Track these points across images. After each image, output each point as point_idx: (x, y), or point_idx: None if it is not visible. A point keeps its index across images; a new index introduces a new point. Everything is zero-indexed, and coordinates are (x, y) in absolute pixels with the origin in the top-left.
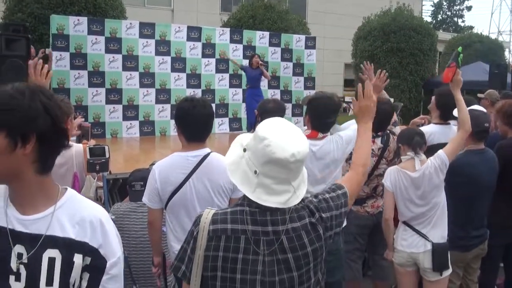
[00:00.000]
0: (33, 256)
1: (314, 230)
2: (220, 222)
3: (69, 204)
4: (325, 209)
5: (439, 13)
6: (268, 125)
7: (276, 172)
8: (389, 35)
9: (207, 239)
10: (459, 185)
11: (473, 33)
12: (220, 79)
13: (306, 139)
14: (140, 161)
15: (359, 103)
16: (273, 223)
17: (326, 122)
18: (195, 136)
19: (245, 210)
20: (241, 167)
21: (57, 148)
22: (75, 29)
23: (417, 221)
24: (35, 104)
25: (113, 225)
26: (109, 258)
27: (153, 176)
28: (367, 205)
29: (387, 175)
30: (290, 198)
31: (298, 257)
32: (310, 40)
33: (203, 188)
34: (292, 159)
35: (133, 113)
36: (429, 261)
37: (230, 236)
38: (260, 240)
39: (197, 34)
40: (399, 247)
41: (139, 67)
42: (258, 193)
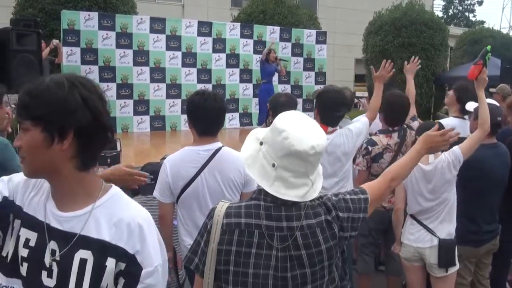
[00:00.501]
0: (65, 255)
1: (329, 228)
2: (234, 216)
3: (110, 203)
4: (343, 209)
5: (450, 7)
6: (286, 118)
7: (295, 165)
8: (400, 29)
9: (221, 233)
10: (471, 179)
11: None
12: (230, 74)
13: (323, 131)
14: (151, 156)
15: (436, 135)
16: (287, 218)
17: (334, 115)
18: (207, 130)
19: (260, 205)
20: (258, 161)
21: (99, 143)
22: (86, 24)
23: (425, 216)
24: (73, 97)
25: (155, 231)
26: (145, 266)
27: (164, 170)
28: (384, 201)
29: None
30: (308, 191)
31: (312, 254)
32: (321, 35)
33: (214, 182)
34: (312, 152)
35: (144, 108)
36: (435, 257)
37: (244, 230)
38: (274, 235)
39: (207, 29)
40: (406, 241)
41: (149, 62)
42: (276, 187)
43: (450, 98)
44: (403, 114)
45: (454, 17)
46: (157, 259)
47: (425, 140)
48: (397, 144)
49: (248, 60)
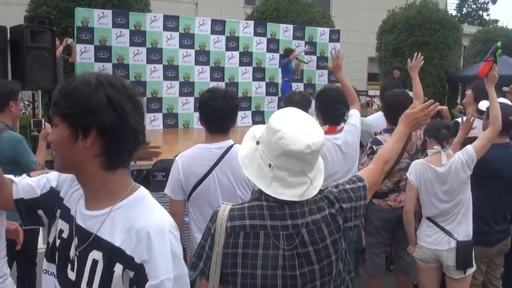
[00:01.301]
0: (82, 252)
1: (334, 221)
2: (238, 219)
3: (130, 206)
4: (345, 200)
5: (464, 6)
6: (280, 116)
7: (291, 164)
8: (414, 28)
9: (225, 236)
10: (483, 179)
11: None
12: (243, 72)
13: (321, 128)
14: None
15: (415, 112)
16: (292, 216)
17: (334, 114)
18: (216, 128)
19: (263, 205)
20: (255, 161)
21: (126, 145)
22: (100, 22)
23: (442, 218)
24: (97, 97)
25: (168, 241)
26: (150, 278)
27: (176, 168)
28: (390, 199)
29: (411, 168)
30: (307, 190)
31: (318, 250)
32: (334, 33)
33: (226, 180)
34: (308, 151)
35: (157, 105)
36: (453, 259)
37: (249, 232)
38: (279, 234)
39: (221, 27)
40: (423, 244)
41: (163, 60)
42: (274, 187)
43: (468, 98)
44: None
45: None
46: (165, 272)
47: (406, 119)
48: None
49: (261, 59)
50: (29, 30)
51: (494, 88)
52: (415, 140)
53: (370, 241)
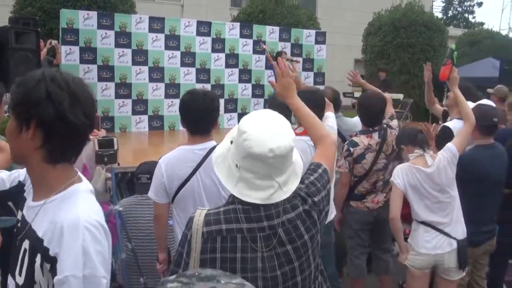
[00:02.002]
0: (19, 241)
1: (309, 217)
2: (214, 223)
3: (62, 200)
4: (315, 193)
5: (449, 9)
6: (250, 118)
7: (255, 167)
8: (399, 30)
9: (202, 242)
10: (468, 180)
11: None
12: (229, 74)
13: (292, 133)
14: (149, 156)
15: (279, 81)
16: (268, 217)
17: None
18: (198, 129)
19: (238, 208)
20: (227, 160)
21: (64, 140)
22: (85, 23)
23: (439, 220)
24: (37, 90)
25: (79, 239)
26: (57, 272)
27: (159, 170)
28: (367, 201)
29: (397, 172)
30: (274, 193)
31: (297, 247)
32: (320, 35)
33: (210, 181)
34: (271, 155)
35: (142, 107)
36: (454, 260)
37: (225, 236)
38: (256, 236)
39: (206, 29)
40: (423, 251)
41: (148, 61)
42: (240, 188)
43: (451, 100)
44: (378, 114)
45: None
46: (71, 268)
47: (281, 91)
48: (378, 144)
49: (248, 60)
50: (13, 31)
51: (458, 88)
52: (391, 140)
53: (350, 244)
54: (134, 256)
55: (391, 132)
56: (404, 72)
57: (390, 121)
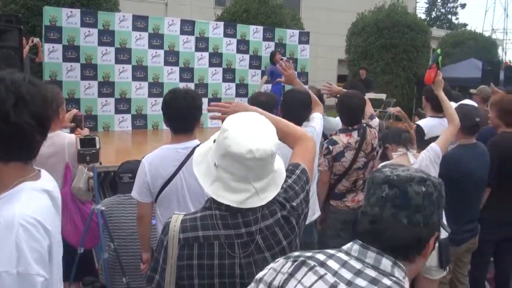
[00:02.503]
0: None
1: (287, 223)
2: (191, 230)
3: (9, 198)
4: (293, 197)
5: (433, 10)
6: (235, 118)
7: (233, 167)
8: (382, 31)
9: (179, 248)
10: (451, 179)
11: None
12: (213, 73)
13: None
14: (132, 155)
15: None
16: (245, 224)
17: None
18: (180, 128)
19: (215, 214)
20: (206, 159)
21: (12, 140)
22: (68, 21)
23: None
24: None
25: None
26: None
27: (142, 170)
28: (347, 200)
29: None
30: (249, 198)
31: (275, 254)
32: (304, 35)
33: (193, 181)
34: (249, 156)
35: (126, 106)
36: (435, 259)
37: (202, 243)
38: (234, 243)
39: (190, 28)
40: None
41: (132, 60)
42: (215, 187)
43: (423, 102)
44: (357, 113)
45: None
46: (4, 265)
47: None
48: (358, 142)
49: (231, 60)
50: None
51: (442, 91)
52: (370, 139)
53: (331, 244)
54: (116, 256)
55: (371, 131)
56: (387, 72)
57: (369, 120)
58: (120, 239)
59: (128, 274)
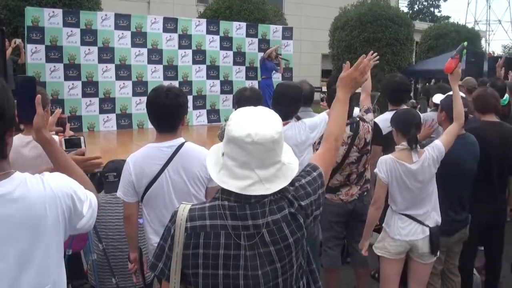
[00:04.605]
0: None
1: (294, 220)
2: (198, 219)
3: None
4: (303, 197)
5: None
6: (242, 109)
7: (235, 153)
8: (365, 25)
9: (185, 237)
10: (441, 169)
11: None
12: (197, 71)
13: (279, 128)
14: (117, 155)
15: (350, 72)
16: (253, 216)
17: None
18: (163, 126)
19: (223, 205)
20: (217, 152)
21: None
22: (50, 21)
23: (414, 210)
24: None
25: None
26: None
27: (127, 169)
28: (341, 193)
29: (381, 164)
30: (252, 186)
31: (280, 249)
32: (287, 31)
33: (179, 179)
34: (248, 139)
35: (110, 106)
36: (427, 246)
37: (209, 232)
38: (240, 234)
39: (173, 26)
40: (397, 237)
41: (115, 59)
42: (221, 175)
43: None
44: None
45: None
46: None
47: (343, 82)
48: (350, 137)
49: (215, 57)
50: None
51: (458, 84)
52: (363, 134)
53: (324, 236)
54: (105, 257)
55: (364, 125)
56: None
57: (365, 114)
58: (108, 239)
59: (117, 274)
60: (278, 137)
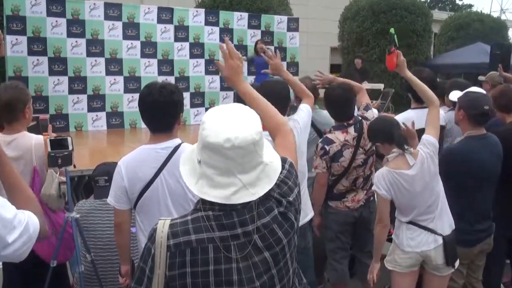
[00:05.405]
0: None
1: (285, 220)
2: (182, 234)
3: None
4: (288, 192)
5: None
6: (213, 110)
7: (214, 160)
8: (378, 15)
9: (169, 256)
10: (461, 174)
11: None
12: (195, 65)
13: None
14: (108, 157)
15: (227, 63)
16: (241, 223)
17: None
18: (157, 126)
19: (207, 215)
20: (192, 158)
21: None
22: (33, 10)
23: (423, 217)
24: None
25: None
26: None
27: (119, 173)
28: (347, 200)
29: (378, 181)
30: (236, 193)
31: (275, 253)
32: (293, 22)
33: (175, 183)
34: (227, 145)
35: (99, 103)
36: (441, 257)
37: (196, 247)
38: (230, 246)
39: (168, 16)
40: (407, 249)
41: (105, 52)
42: (200, 185)
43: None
44: (346, 106)
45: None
46: None
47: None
48: (355, 138)
49: (214, 50)
50: None
51: (407, 70)
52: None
53: (329, 247)
54: (93, 269)
55: (367, 124)
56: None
57: (365, 112)
58: (97, 249)
59: (106, 286)
60: (259, 137)
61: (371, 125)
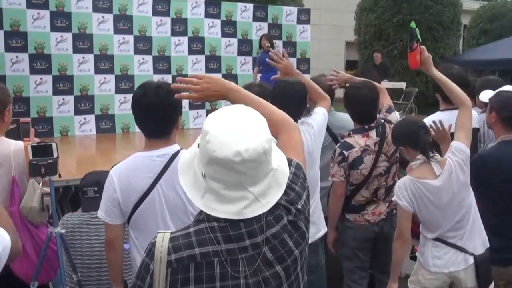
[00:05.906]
0: None
1: (296, 229)
2: (185, 248)
3: None
4: (297, 199)
5: None
6: (216, 115)
7: (221, 174)
8: (400, 5)
9: (171, 273)
10: (495, 183)
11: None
12: (194, 62)
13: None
14: (97, 164)
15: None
16: (250, 234)
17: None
18: (154, 131)
19: (212, 227)
20: (193, 168)
21: None
22: (10, 1)
23: (451, 233)
24: None
25: None
26: None
27: (111, 184)
28: (367, 213)
29: (400, 191)
30: (248, 207)
31: (287, 266)
32: (303, 13)
33: (174, 194)
34: (237, 159)
35: (88, 105)
36: (472, 279)
37: (200, 262)
38: (238, 259)
39: (165, 7)
40: (434, 269)
41: (94, 48)
42: (207, 200)
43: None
44: (371, 107)
45: None
46: None
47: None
48: (377, 144)
49: (215, 45)
50: None
51: (434, 68)
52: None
53: (347, 266)
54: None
55: (391, 127)
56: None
57: (387, 114)
58: (85, 268)
59: None
60: (269, 145)
61: (396, 126)
